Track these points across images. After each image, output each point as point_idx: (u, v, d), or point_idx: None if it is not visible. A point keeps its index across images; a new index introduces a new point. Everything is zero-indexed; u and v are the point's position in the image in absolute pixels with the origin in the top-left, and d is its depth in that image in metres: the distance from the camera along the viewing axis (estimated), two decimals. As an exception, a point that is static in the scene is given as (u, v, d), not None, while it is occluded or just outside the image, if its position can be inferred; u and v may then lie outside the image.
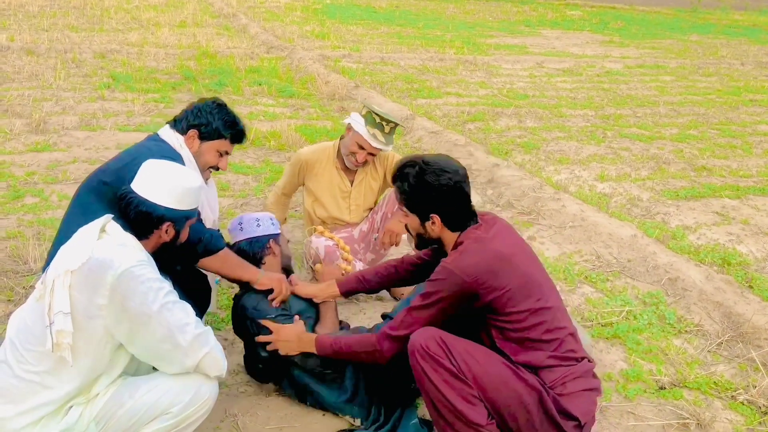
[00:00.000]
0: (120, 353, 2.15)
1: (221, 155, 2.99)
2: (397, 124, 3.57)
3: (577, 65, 11.71)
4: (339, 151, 3.73)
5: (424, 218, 2.47)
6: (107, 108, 6.90)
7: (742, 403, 3.01)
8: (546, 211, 5.00)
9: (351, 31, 13.96)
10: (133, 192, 2.23)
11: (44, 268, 2.82)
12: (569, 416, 2.26)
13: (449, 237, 2.49)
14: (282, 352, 2.67)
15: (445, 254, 2.52)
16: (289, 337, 2.67)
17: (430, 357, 2.22)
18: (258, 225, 2.97)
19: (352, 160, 3.63)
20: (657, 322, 3.64)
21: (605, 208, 5.12)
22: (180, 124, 2.92)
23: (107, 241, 2.16)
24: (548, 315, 2.38)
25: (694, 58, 13.56)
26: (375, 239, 3.80)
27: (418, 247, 2.63)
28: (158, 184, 2.24)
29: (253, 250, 2.91)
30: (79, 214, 2.78)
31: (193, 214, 2.36)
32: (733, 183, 5.93)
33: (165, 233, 2.27)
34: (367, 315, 3.57)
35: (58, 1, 15.14)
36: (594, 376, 2.42)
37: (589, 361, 2.43)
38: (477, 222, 2.48)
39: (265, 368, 2.78)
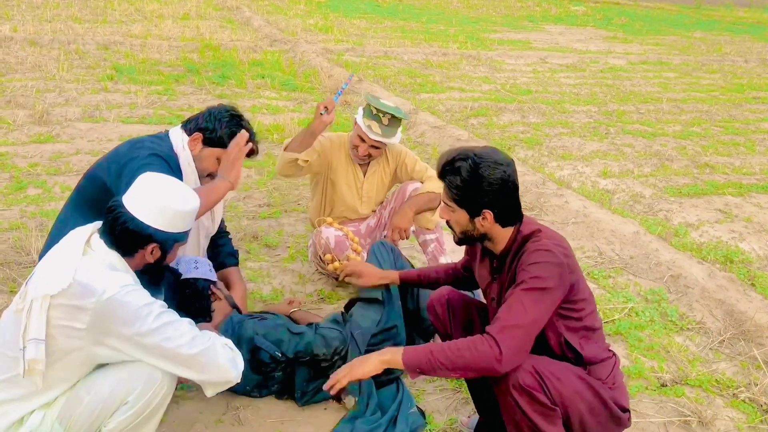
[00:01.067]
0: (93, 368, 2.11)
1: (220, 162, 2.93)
2: (393, 116, 3.48)
3: (581, 61, 11.69)
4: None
5: (475, 213, 2.32)
6: (110, 100, 6.90)
7: (744, 401, 3.01)
8: (549, 207, 4.99)
9: (354, 25, 13.92)
10: (122, 206, 2.12)
11: (40, 258, 2.83)
12: (624, 409, 2.32)
13: (499, 233, 2.36)
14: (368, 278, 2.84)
15: (491, 252, 2.44)
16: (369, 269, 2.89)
17: (526, 392, 2.16)
18: (196, 267, 2.92)
19: (355, 153, 3.62)
20: (659, 319, 3.64)
21: (608, 204, 5.12)
22: (190, 124, 2.89)
23: (91, 261, 2.07)
24: (594, 303, 2.41)
25: (697, 55, 13.52)
26: (384, 236, 3.80)
27: (459, 243, 2.46)
28: (150, 203, 2.12)
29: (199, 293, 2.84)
30: (73, 207, 2.80)
31: (182, 238, 2.23)
32: (736, 180, 5.92)
33: (150, 254, 2.17)
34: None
35: (61, -8, 15.11)
36: None
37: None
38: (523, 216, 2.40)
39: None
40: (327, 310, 3.51)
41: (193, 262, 2.87)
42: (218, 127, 2.84)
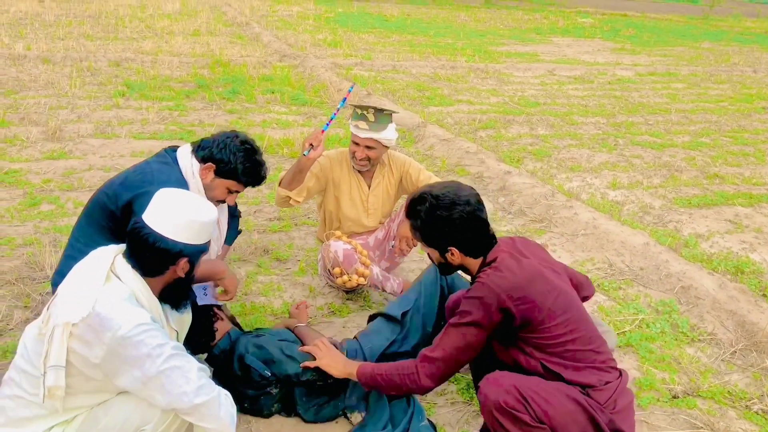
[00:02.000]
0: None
1: (231, 192, 2.96)
2: (377, 109, 3.49)
3: (589, 73, 11.71)
4: None
5: (442, 251, 2.49)
6: (122, 116, 6.97)
7: (757, 413, 3.00)
8: (558, 218, 5.00)
9: (363, 40, 14.02)
10: (147, 227, 2.12)
11: (53, 281, 2.86)
12: None
13: (472, 263, 2.50)
14: (330, 372, 2.70)
15: (473, 277, 2.53)
16: (336, 359, 2.69)
17: (507, 413, 2.20)
18: (205, 294, 2.97)
19: (355, 161, 3.63)
20: (670, 331, 3.64)
21: (617, 215, 5.12)
22: (202, 152, 2.88)
23: (113, 291, 2.08)
24: (583, 325, 2.41)
25: (705, 66, 13.52)
26: (391, 247, 3.82)
27: (442, 273, 2.64)
28: (175, 219, 2.13)
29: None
30: (85, 225, 2.83)
31: (207, 248, 2.27)
32: (746, 191, 5.91)
33: (181, 269, 2.19)
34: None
35: (73, 11, 15.31)
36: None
37: (621, 373, 2.47)
38: (496, 242, 2.49)
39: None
40: (337, 324, 3.53)
41: (201, 289, 2.93)
42: (233, 161, 2.85)
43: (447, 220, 2.41)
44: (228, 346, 2.79)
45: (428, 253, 2.58)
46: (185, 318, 2.44)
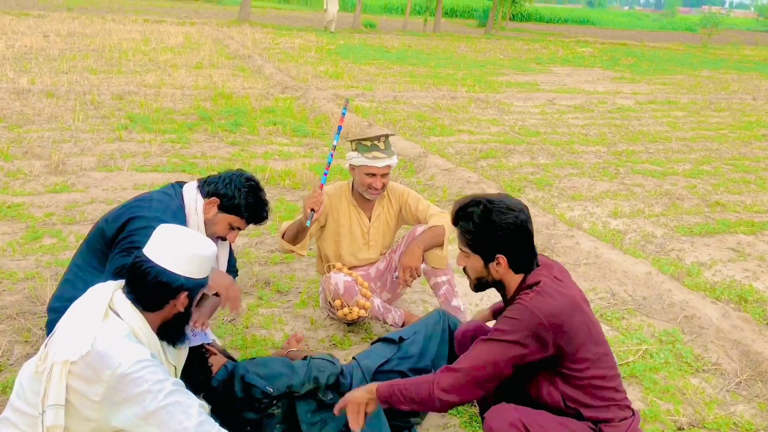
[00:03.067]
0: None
1: (232, 229, 2.97)
2: (385, 135, 3.53)
3: (589, 101, 11.79)
4: (353, 188, 3.75)
5: (488, 259, 2.34)
6: (125, 149, 7.02)
7: (763, 444, 2.96)
8: (560, 248, 4.99)
9: (364, 71, 14.16)
10: (149, 260, 2.13)
11: (50, 305, 2.85)
12: None
13: (513, 279, 2.36)
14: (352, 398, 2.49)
15: (504, 298, 2.44)
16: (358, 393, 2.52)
17: None
18: (194, 335, 2.96)
19: (373, 192, 3.62)
20: (674, 361, 3.61)
21: (619, 244, 5.11)
22: (207, 187, 2.91)
23: (112, 328, 2.07)
24: (609, 362, 2.36)
25: (705, 93, 13.61)
26: (395, 278, 3.80)
27: (476, 289, 2.46)
28: (177, 253, 2.15)
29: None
30: (86, 252, 2.85)
31: (206, 282, 2.27)
32: (748, 219, 5.91)
33: (180, 303, 2.19)
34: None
35: (77, 45, 15.50)
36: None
37: (634, 412, 2.43)
38: (539, 264, 2.39)
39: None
40: (339, 356, 3.50)
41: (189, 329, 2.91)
42: (237, 196, 2.88)
43: (502, 224, 2.27)
44: (226, 377, 2.78)
45: (465, 267, 2.41)
46: (182, 352, 2.44)
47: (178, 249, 2.15)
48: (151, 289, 2.13)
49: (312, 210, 3.35)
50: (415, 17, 35.39)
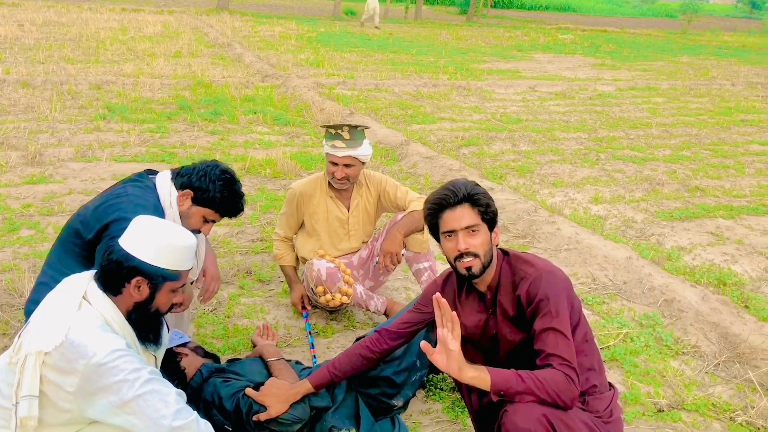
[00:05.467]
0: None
1: (206, 222, 2.92)
2: (351, 126, 3.51)
3: (570, 88, 11.82)
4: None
5: (492, 228, 2.44)
6: (103, 139, 6.94)
7: (741, 425, 3.00)
8: (541, 234, 5.01)
9: (345, 59, 14.08)
10: (117, 244, 2.13)
11: (26, 309, 2.79)
12: None
13: (494, 258, 2.45)
14: (275, 408, 2.55)
15: (478, 291, 2.50)
16: (280, 391, 2.59)
17: None
18: (175, 335, 2.94)
19: (335, 181, 3.62)
20: (654, 344, 3.64)
21: (600, 230, 5.14)
22: (181, 179, 2.85)
23: (86, 318, 2.05)
24: (591, 335, 2.46)
25: (685, 80, 13.70)
26: (376, 263, 3.80)
27: (481, 272, 2.42)
28: (139, 235, 2.14)
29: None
30: (60, 252, 2.78)
31: (174, 277, 2.17)
32: (727, 203, 5.96)
33: (136, 290, 2.13)
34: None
35: (54, 34, 15.28)
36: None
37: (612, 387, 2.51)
38: None
39: None
40: (321, 344, 3.50)
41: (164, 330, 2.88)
42: (212, 189, 2.82)
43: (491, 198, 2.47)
44: (201, 382, 2.73)
45: (469, 250, 2.38)
46: (164, 343, 2.41)
47: (142, 232, 2.13)
48: (105, 266, 2.12)
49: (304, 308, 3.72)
50: (397, 5, 35.24)
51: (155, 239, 2.12)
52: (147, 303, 2.16)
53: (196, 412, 2.15)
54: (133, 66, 11.24)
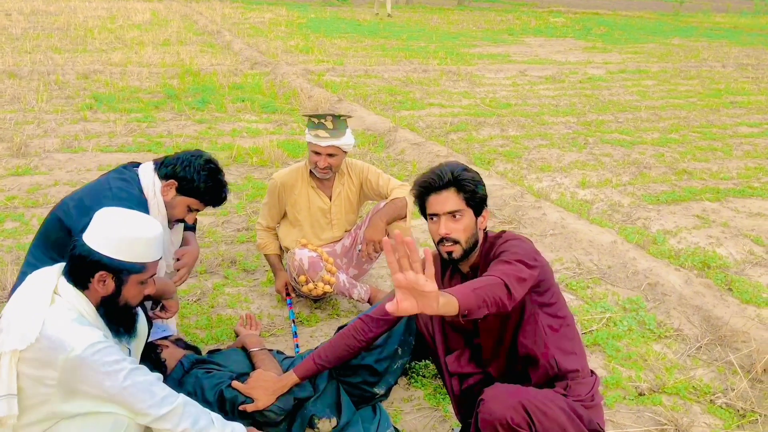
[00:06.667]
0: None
1: (191, 211, 2.93)
2: (334, 116, 3.51)
3: (560, 72, 11.79)
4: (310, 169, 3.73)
5: (479, 213, 2.45)
6: (89, 129, 6.90)
7: (721, 407, 3.02)
8: (527, 219, 5.02)
9: (335, 45, 14.01)
10: (80, 239, 2.12)
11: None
12: (600, 430, 2.38)
13: (479, 240, 2.49)
14: (262, 400, 2.56)
15: (460, 272, 2.53)
16: (267, 383, 2.60)
17: (513, 430, 2.17)
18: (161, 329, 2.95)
19: (318, 170, 3.62)
20: (637, 328, 3.66)
21: (586, 214, 5.15)
22: (165, 169, 2.84)
23: (60, 312, 2.05)
24: (572, 320, 2.52)
25: (675, 62, 13.67)
26: (359, 251, 3.81)
27: (462, 257, 2.44)
28: (102, 231, 2.11)
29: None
30: (41, 244, 2.78)
31: (138, 269, 2.15)
32: (714, 186, 5.97)
33: (101, 285, 2.11)
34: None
35: (41, 23, 15.16)
36: None
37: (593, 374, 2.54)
38: None
39: None
40: (305, 333, 3.51)
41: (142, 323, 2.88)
42: (196, 179, 2.82)
43: (482, 181, 2.49)
44: (178, 378, 2.74)
45: (451, 234, 2.39)
46: (140, 334, 2.41)
47: (101, 226, 2.12)
48: (71, 261, 2.12)
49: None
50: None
51: (116, 232, 2.10)
52: (114, 297, 2.15)
53: (182, 395, 2.17)
54: (121, 55, 11.17)
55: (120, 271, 2.12)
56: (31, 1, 19.74)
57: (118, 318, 2.19)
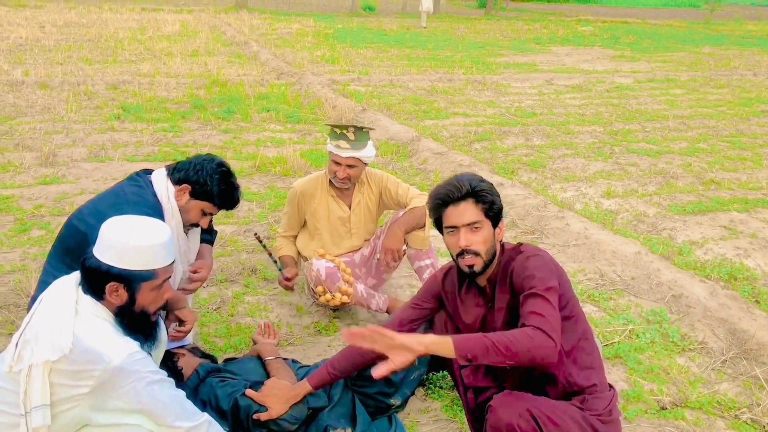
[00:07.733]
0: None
1: (205, 215, 2.94)
2: (356, 127, 3.50)
3: (587, 81, 11.70)
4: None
5: (496, 224, 2.43)
6: (116, 139, 7.00)
7: (746, 423, 2.95)
8: (550, 229, 4.97)
9: (361, 55, 14.07)
10: (90, 252, 2.14)
11: (29, 307, 2.82)
12: None
13: (496, 253, 2.45)
14: (276, 409, 2.56)
15: (478, 286, 2.50)
16: (281, 392, 2.60)
17: None
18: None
19: (337, 180, 3.62)
20: (660, 341, 3.59)
21: (610, 224, 5.08)
22: (178, 174, 2.87)
23: (90, 322, 2.07)
24: (591, 334, 2.47)
25: (705, 70, 13.48)
26: (377, 261, 3.79)
27: (483, 269, 2.41)
28: (108, 242, 2.11)
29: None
30: (59, 251, 2.81)
31: (149, 276, 2.15)
32: (742, 196, 5.86)
33: (115, 295, 2.11)
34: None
35: (73, 35, 15.46)
36: None
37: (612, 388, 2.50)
38: None
39: None
40: (323, 342, 3.51)
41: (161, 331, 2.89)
42: (209, 183, 2.84)
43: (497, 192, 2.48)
44: (194, 386, 2.75)
45: (471, 246, 2.36)
46: (161, 342, 2.43)
47: (107, 235, 2.12)
48: (84, 273, 2.13)
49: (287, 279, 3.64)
50: None
51: (121, 242, 2.10)
52: (129, 305, 2.15)
53: (206, 413, 2.19)
54: (150, 65, 11.33)
55: (130, 280, 2.12)
56: (65, 14, 20.16)
57: (136, 326, 2.19)
